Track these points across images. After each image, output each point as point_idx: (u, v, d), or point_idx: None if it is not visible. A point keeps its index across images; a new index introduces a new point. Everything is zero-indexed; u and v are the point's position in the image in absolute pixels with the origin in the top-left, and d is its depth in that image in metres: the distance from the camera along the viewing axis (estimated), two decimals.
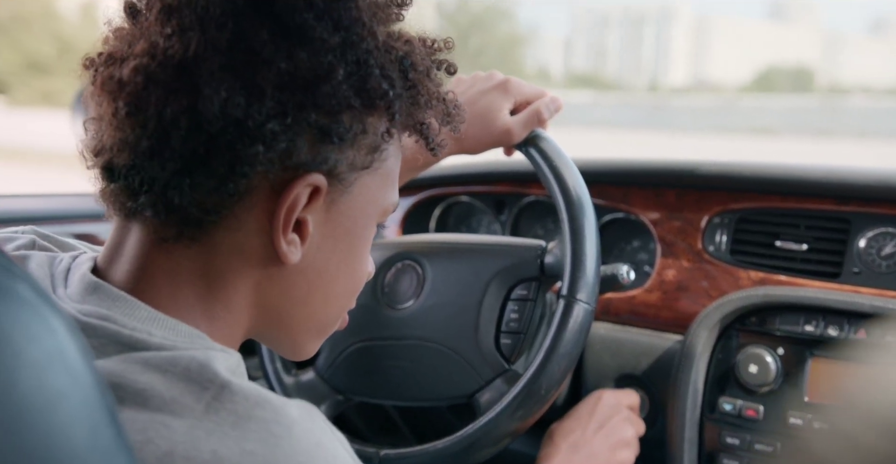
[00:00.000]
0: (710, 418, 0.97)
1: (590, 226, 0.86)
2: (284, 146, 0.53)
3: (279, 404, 0.49)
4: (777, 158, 1.34)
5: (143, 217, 0.55)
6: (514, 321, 0.90)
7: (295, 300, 0.60)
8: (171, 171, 0.52)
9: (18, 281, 0.33)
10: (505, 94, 0.93)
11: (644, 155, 1.19)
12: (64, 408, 0.33)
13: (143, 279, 0.56)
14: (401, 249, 0.98)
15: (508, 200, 1.28)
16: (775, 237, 1.02)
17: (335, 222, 0.59)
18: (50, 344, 0.33)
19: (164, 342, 0.52)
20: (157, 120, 0.52)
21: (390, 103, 0.57)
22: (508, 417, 0.84)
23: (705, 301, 1.03)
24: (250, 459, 0.46)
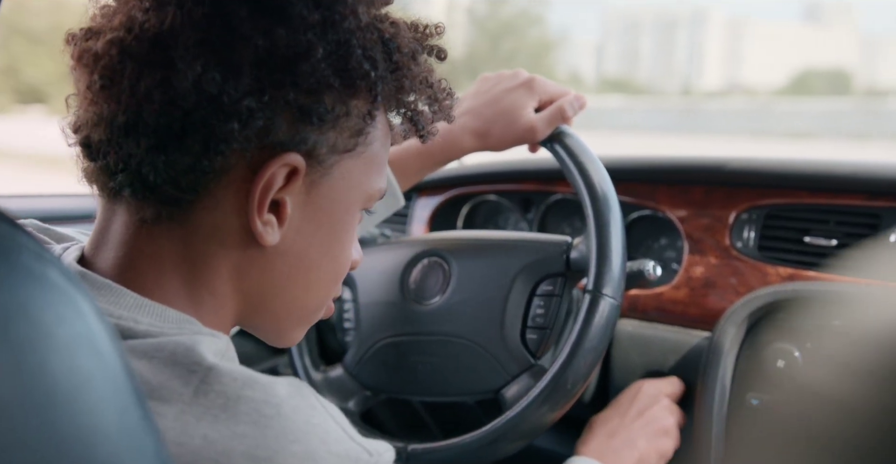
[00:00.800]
0: (737, 414, 0.96)
1: (615, 221, 0.86)
2: (261, 124, 0.52)
3: (267, 383, 0.50)
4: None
5: (124, 199, 0.55)
6: (540, 316, 0.90)
7: (276, 285, 0.59)
8: (146, 147, 0.52)
9: (49, 265, 0.34)
10: (529, 92, 0.94)
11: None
12: (93, 390, 0.34)
13: (128, 266, 0.56)
14: (427, 245, 0.99)
15: (535, 198, 1.29)
16: (804, 233, 1.01)
17: (316, 206, 0.58)
18: (79, 327, 0.34)
19: (150, 329, 0.52)
20: (131, 93, 0.52)
21: (372, 85, 0.56)
22: (535, 411, 0.84)
23: (733, 297, 1.02)
24: (241, 441, 0.47)
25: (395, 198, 1.01)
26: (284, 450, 0.47)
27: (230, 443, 0.47)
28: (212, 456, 0.46)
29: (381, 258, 1.01)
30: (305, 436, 0.48)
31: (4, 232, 0.34)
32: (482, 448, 0.86)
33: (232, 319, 0.60)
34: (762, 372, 0.95)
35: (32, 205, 1.46)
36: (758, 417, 0.94)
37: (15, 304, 0.32)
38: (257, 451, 0.47)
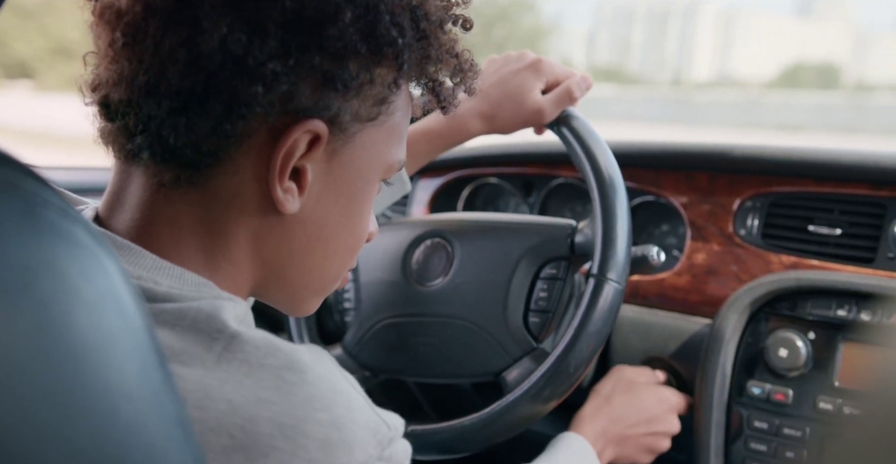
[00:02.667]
0: (738, 402, 0.96)
1: (621, 205, 0.85)
2: (285, 88, 0.51)
3: (290, 351, 0.49)
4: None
5: (141, 161, 0.54)
6: (543, 300, 0.89)
7: (294, 253, 0.59)
8: (168, 109, 0.51)
9: (75, 223, 0.33)
10: (536, 73, 0.93)
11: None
12: (118, 348, 0.33)
13: (145, 228, 0.55)
14: (430, 227, 0.98)
15: (537, 181, 1.28)
16: (808, 222, 1.01)
17: (336, 174, 0.57)
18: (104, 284, 0.33)
19: (170, 291, 0.51)
20: (154, 52, 0.51)
21: (399, 52, 0.55)
22: (536, 395, 0.84)
23: (735, 285, 1.02)
24: (267, 407, 0.46)
25: (402, 182, 1.00)
26: (310, 417, 0.47)
27: (255, 409, 0.46)
28: (237, 422, 0.46)
29: (384, 239, 1.00)
30: (331, 403, 0.48)
31: (30, 187, 0.33)
32: (482, 430, 0.86)
33: (248, 286, 0.59)
34: (764, 361, 0.95)
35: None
36: None
37: (41, 259, 0.31)
38: (283, 418, 0.46)
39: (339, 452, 0.47)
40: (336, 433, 0.47)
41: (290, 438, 0.46)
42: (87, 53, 0.56)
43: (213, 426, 0.45)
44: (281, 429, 0.46)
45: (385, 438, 0.50)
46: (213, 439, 0.45)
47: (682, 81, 41.11)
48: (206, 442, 0.45)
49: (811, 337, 0.93)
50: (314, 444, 0.46)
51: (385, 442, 0.50)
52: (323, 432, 0.47)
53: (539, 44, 29.04)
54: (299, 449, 0.46)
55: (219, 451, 0.45)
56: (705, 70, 45.13)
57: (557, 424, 1.10)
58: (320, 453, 0.46)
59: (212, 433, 0.45)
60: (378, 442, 0.49)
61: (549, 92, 0.93)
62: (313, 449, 0.46)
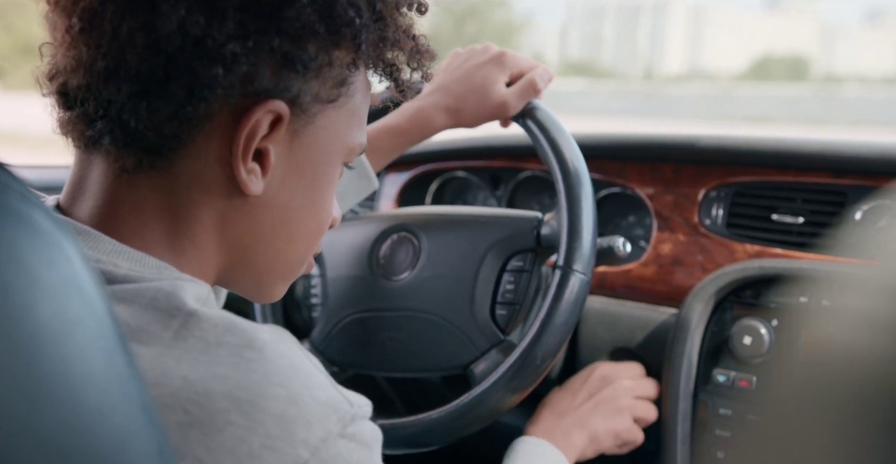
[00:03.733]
0: (703, 390, 0.97)
1: (586, 197, 0.86)
2: (245, 70, 0.52)
3: (250, 328, 0.49)
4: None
5: (103, 147, 0.54)
6: (510, 292, 0.90)
7: (259, 236, 0.59)
8: (128, 93, 0.51)
9: (34, 207, 0.33)
10: (500, 66, 0.93)
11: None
12: (80, 334, 0.33)
13: (107, 215, 0.55)
14: (396, 221, 0.98)
15: (504, 175, 1.28)
16: (772, 211, 1.02)
17: (299, 156, 0.58)
18: (66, 270, 0.33)
19: (129, 274, 0.51)
20: (113, 37, 0.51)
21: (357, 32, 0.56)
22: (503, 387, 0.84)
23: (701, 274, 1.03)
24: (222, 383, 0.46)
25: (369, 180, 1.00)
26: (267, 392, 0.46)
27: (210, 384, 0.46)
28: (192, 397, 0.46)
29: (350, 233, 1.00)
30: (289, 380, 0.48)
31: None
32: (450, 423, 0.86)
33: (213, 271, 0.59)
34: (729, 349, 0.96)
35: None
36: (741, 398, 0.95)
37: (1, 245, 0.31)
38: (239, 392, 0.46)
39: (297, 427, 0.46)
40: (293, 409, 0.47)
41: (247, 413, 0.46)
42: (43, 44, 0.56)
43: (168, 402, 0.45)
44: (237, 404, 0.46)
45: (347, 415, 0.49)
46: (169, 416, 0.45)
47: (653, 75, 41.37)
48: (162, 419, 0.44)
49: (774, 324, 0.94)
50: (270, 419, 0.46)
51: (347, 419, 0.49)
52: (280, 407, 0.46)
53: (511, 39, 29.10)
54: (256, 424, 0.46)
55: (174, 428, 0.45)
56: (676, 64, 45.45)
57: (526, 415, 1.10)
58: (277, 429, 0.46)
59: (167, 409, 0.45)
60: (339, 419, 0.48)
61: (513, 84, 0.93)
62: (270, 424, 0.46)
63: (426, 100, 0.96)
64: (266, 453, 0.46)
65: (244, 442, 0.45)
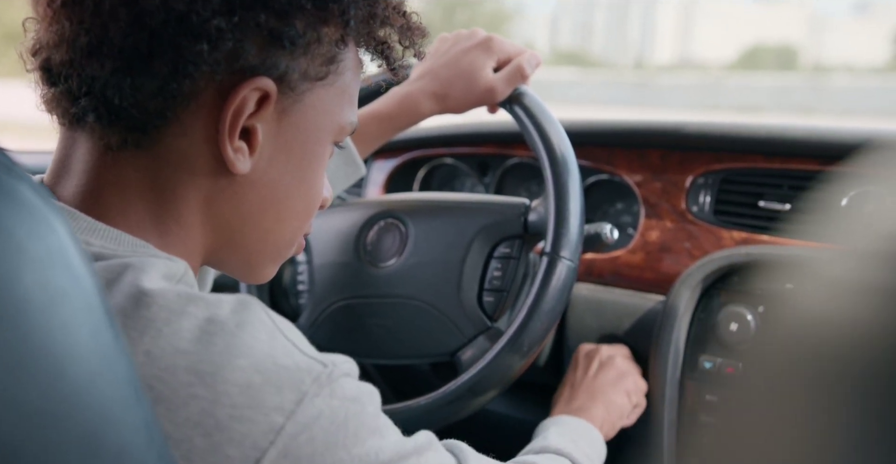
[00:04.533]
0: (690, 377, 0.97)
1: (574, 184, 0.85)
2: (231, 46, 0.51)
3: (211, 300, 0.48)
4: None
5: (87, 125, 0.53)
6: (497, 279, 0.89)
7: (247, 216, 0.58)
8: (111, 69, 0.50)
9: (20, 181, 0.33)
10: (488, 51, 0.93)
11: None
12: (65, 307, 0.33)
13: (91, 194, 0.54)
14: (383, 207, 0.98)
15: (492, 161, 1.28)
16: (759, 197, 1.02)
17: (287, 135, 0.57)
18: (52, 242, 0.33)
19: (102, 251, 0.51)
20: (95, 11, 0.50)
21: (345, 9, 0.55)
22: (491, 373, 0.84)
23: (688, 261, 1.03)
24: (184, 357, 0.46)
25: (356, 166, 0.99)
26: (229, 364, 0.46)
27: (172, 359, 0.46)
28: (154, 373, 0.45)
29: (337, 220, 0.99)
30: (251, 350, 0.47)
31: None
32: (437, 410, 0.86)
33: (200, 252, 0.59)
34: (715, 335, 0.96)
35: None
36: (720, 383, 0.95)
37: None
38: (201, 365, 0.46)
39: (266, 394, 0.46)
40: (258, 376, 0.46)
41: (210, 385, 0.45)
42: (26, 19, 0.55)
43: None
44: (200, 376, 0.45)
45: (322, 375, 0.48)
46: None
47: (643, 65, 41.37)
48: None
49: (761, 310, 0.94)
50: (236, 389, 0.45)
51: (324, 379, 0.48)
52: (244, 376, 0.46)
53: (501, 28, 29.03)
54: (221, 396, 0.45)
55: None
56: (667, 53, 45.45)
57: (513, 402, 1.11)
58: (244, 398, 0.45)
59: None
60: (314, 380, 0.48)
61: (501, 70, 0.92)
62: (235, 395, 0.45)
63: (413, 85, 0.95)
64: (235, 423, 0.45)
65: (210, 415, 0.45)
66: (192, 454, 0.45)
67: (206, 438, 0.45)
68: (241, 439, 0.45)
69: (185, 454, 0.45)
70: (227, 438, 0.45)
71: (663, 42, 45.52)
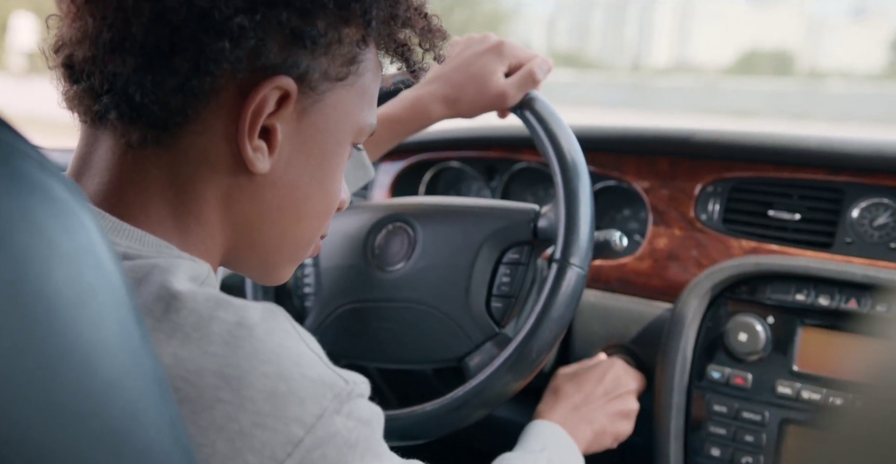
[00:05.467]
0: (697, 386, 0.97)
1: (584, 190, 0.85)
2: (253, 44, 0.51)
3: (241, 306, 0.48)
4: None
5: (109, 122, 0.53)
6: (506, 285, 0.89)
7: (265, 216, 0.58)
8: (133, 66, 0.50)
9: (52, 176, 0.33)
10: (499, 56, 0.92)
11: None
12: (95, 303, 0.33)
13: (112, 192, 0.54)
14: (392, 210, 0.97)
15: (499, 166, 1.27)
16: (768, 206, 1.02)
17: (306, 135, 0.57)
18: (82, 238, 0.33)
19: (127, 251, 0.51)
20: (118, 7, 0.50)
21: (367, 9, 0.55)
22: (498, 380, 0.83)
23: (696, 270, 1.02)
24: (212, 360, 0.46)
25: (365, 169, 0.99)
26: (255, 370, 0.46)
27: (200, 361, 0.45)
28: (181, 374, 0.45)
29: (344, 222, 0.98)
30: (278, 357, 0.47)
31: (7, 139, 0.32)
32: (444, 416, 0.85)
33: (219, 251, 0.59)
34: (724, 345, 0.96)
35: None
36: None
37: (18, 211, 0.31)
38: (227, 369, 0.45)
39: (289, 404, 0.46)
40: (284, 385, 0.46)
41: (236, 390, 0.45)
42: (50, 16, 0.55)
43: None
44: (226, 380, 0.45)
45: (343, 392, 0.48)
46: None
47: (640, 67, 41.44)
48: None
49: (770, 321, 0.94)
50: (261, 396, 0.45)
51: (344, 396, 0.48)
52: (270, 384, 0.46)
53: (499, 28, 29.04)
54: (246, 401, 0.45)
55: None
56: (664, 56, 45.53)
57: (520, 409, 1.10)
58: (268, 406, 0.45)
59: None
60: (335, 396, 0.48)
61: (512, 75, 0.92)
62: (260, 402, 0.45)
63: (424, 89, 0.94)
64: (257, 431, 0.45)
65: (234, 420, 0.45)
66: (212, 459, 0.45)
67: (228, 443, 0.45)
68: (261, 448, 0.45)
69: (206, 459, 0.45)
70: (249, 445, 0.45)
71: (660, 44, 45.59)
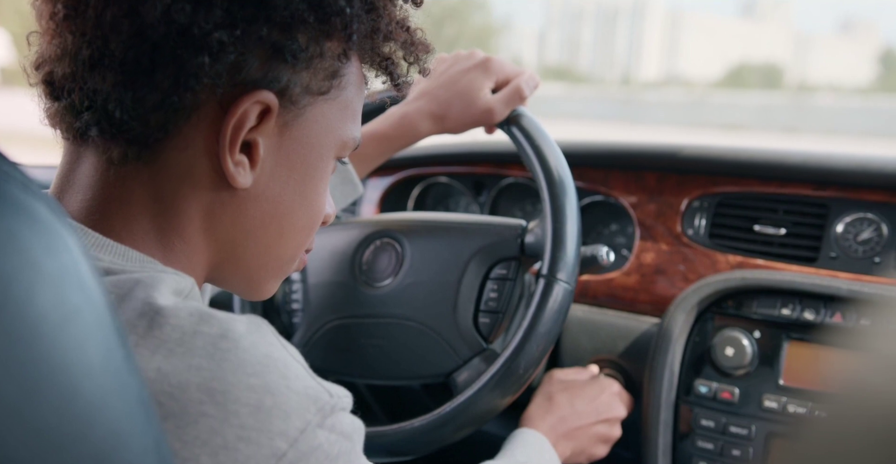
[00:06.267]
0: (685, 401, 0.97)
1: (571, 205, 0.85)
2: (232, 59, 0.51)
3: (225, 319, 0.48)
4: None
5: (91, 139, 0.53)
6: (493, 300, 0.89)
7: (249, 230, 0.58)
8: (113, 82, 0.50)
9: (36, 198, 0.33)
10: (486, 72, 0.93)
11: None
12: (79, 324, 0.33)
13: (95, 209, 0.54)
14: (379, 226, 0.97)
15: (487, 181, 1.27)
16: (754, 221, 1.02)
17: (289, 149, 0.57)
18: (66, 260, 0.33)
19: (111, 267, 0.51)
20: (97, 24, 0.50)
21: (348, 23, 0.55)
22: (486, 396, 0.83)
23: (683, 284, 1.03)
24: (197, 373, 0.45)
25: (354, 185, 0.99)
26: (241, 383, 0.46)
27: (185, 375, 0.45)
28: (165, 389, 0.45)
29: (332, 238, 0.99)
30: (264, 369, 0.47)
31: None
32: (432, 432, 0.85)
33: (203, 267, 0.58)
34: (711, 359, 0.96)
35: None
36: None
37: (2, 234, 0.31)
38: (213, 383, 0.45)
39: (274, 418, 0.46)
40: (269, 399, 0.46)
41: (221, 404, 0.45)
42: (30, 33, 0.55)
43: None
44: (210, 394, 0.45)
45: (327, 405, 0.48)
46: None
47: (630, 80, 41.66)
48: None
49: (756, 336, 0.94)
50: (245, 410, 0.45)
51: (327, 410, 0.48)
52: (255, 397, 0.46)
53: (489, 42, 29.18)
54: (230, 415, 0.45)
55: None
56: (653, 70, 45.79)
57: (508, 424, 1.10)
58: (252, 420, 0.45)
59: None
60: (319, 409, 0.48)
61: (499, 91, 0.92)
62: (245, 415, 0.45)
63: (411, 106, 0.95)
64: (241, 444, 0.45)
65: (218, 434, 0.45)
66: None
67: (212, 457, 0.45)
68: (245, 462, 0.45)
69: None
70: (233, 459, 0.45)
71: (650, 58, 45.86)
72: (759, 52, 45.62)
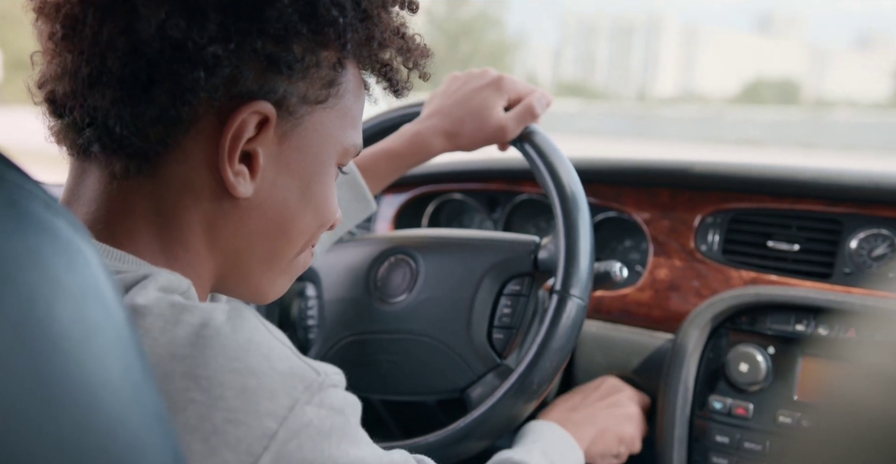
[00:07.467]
0: (699, 417, 0.97)
1: (584, 222, 0.86)
2: (228, 72, 0.52)
3: (206, 308, 0.49)
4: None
5: (93, 155, 0.54)
6: (507, 316, 0.90)
7: (252, 239, 0.59)
8: (111, 99, 0.51)
9: (58, 215, 0.34)
10: (498, 91, 0.94)
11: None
12: (100, 340, 0.33)
13: (100, 221, 0.55)
14: (394, 243, 0.98)
15: (501, 197, 1.28)
16: (767, 237, 1.03)
17: (289, 158, 0.58)
18: (87, 277, 0.33)
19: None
20: (94, 42, 0.51)
21: (341, 32, 0.56)
22: (500, 411, 0.84)
23: (696, 300, 1.03)
24: (181, 363, 0.46)
25: (367, 202, 1.00)
26: (224, 367, 0.47)
27: (169, 365, 0.46)
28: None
29: (347, 255, 1.00)
30: (246, 353, 0.48)
31: (14, 179, 0.33)
32: (447, 447, 0.85)
33: (209, 276, 0.59)
34: (725, 375, 0.96)
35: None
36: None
37: (25, 251, 0.31)
38: (197, 370, 0.46)
39: (260, 399, 0.47)
40: (254, 380, 0.47)
41: (206, 389, 0.46)
42: (34, 53, 0.57)
43: None
44: (196, 381, 0.46)
45: (314, 383, 0.49)
46: None
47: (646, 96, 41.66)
48: None
49: (771, 351, 0.94)
50: (231, 393, 0.46)
51: (315, 387, 0.49)
52: (239, 380, 0.47)
53: (504, 59, 29.29)
54: (217, 400, 0.46)
55: None
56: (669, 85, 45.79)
57: None
58: (239, 402, 0.46)
59: None
60: (306, 387, 0.48)
61: (511, 109, 0.93)
62: (231, 398, 0.46)
63: (424, 123, 0.96)
64: (230, 427, 0.46)
65: (207, 419, 0.46)
66: (191, 460, 0.46)
67: (203, 442, 0.46)
68: (237, 444, 0.46)
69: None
70: (224, 442, 0.46)
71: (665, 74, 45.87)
72: (775, 68, 45.56)
